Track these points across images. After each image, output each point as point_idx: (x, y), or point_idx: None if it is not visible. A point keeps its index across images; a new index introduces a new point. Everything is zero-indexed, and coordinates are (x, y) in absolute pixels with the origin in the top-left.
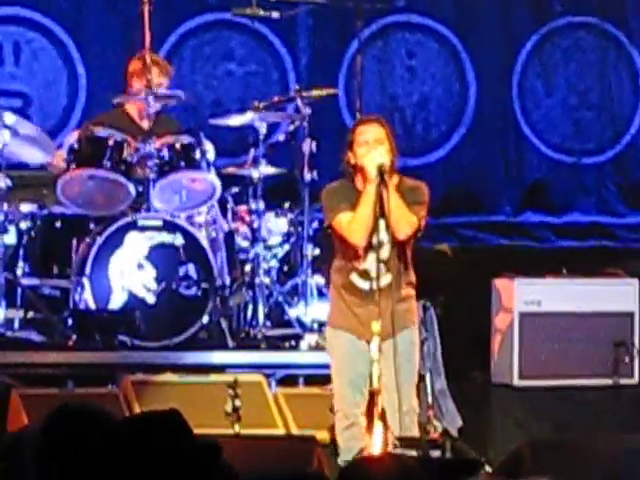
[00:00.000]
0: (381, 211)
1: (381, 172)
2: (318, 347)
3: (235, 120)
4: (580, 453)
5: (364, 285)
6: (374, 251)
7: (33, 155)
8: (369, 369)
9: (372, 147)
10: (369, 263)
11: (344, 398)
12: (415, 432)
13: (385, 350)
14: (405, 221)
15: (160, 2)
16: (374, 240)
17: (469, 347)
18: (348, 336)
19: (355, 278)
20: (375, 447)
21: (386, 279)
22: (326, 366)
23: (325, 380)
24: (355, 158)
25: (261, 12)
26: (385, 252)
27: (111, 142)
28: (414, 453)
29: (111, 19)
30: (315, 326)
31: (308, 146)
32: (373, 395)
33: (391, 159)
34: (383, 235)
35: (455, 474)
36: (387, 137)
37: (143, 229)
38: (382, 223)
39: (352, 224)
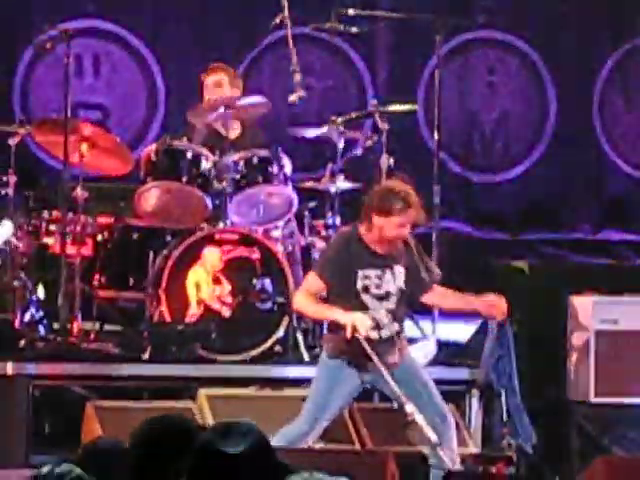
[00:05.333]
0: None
1: None
2: None
3: (313, 133)
4: None
5: (374, 335)
6: (381, 302)
7: (111, 167)
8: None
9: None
10: (378, 313)
11: None
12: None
13: (401, 377)
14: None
15: (240, 16)
16: (381, 291)
17: (545, 364)
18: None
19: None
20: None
21: (393, 328)
22: None
23: None
24: (379, 226)
25: (340, 27)
26: (392, 303)
27: (189, 155)
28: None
29: (191, 33)
30: None
31: (385, 161)
32: None
33: None
34: (391, 287)
35: None
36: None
37: (220, 243)
38: (388, 274)
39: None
